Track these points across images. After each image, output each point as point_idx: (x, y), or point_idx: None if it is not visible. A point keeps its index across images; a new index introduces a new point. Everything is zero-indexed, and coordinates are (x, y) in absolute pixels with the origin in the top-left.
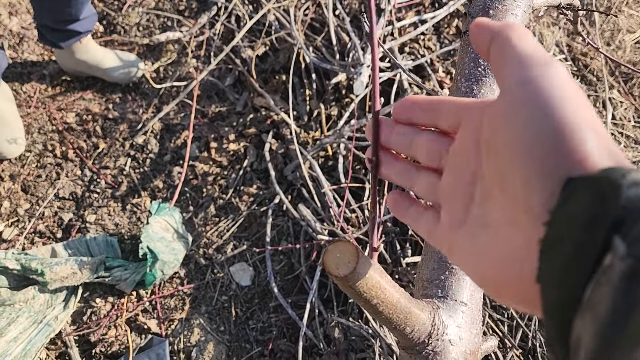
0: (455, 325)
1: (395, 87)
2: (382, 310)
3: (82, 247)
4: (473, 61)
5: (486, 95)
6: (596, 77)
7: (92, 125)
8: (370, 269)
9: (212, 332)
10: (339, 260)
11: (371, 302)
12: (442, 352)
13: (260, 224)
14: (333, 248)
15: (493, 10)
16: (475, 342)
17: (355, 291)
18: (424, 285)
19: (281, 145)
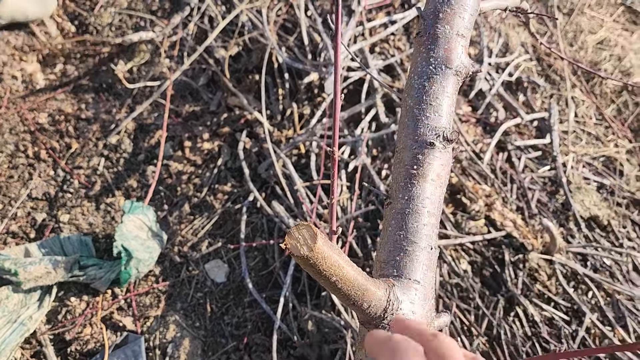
0: (409, 302)
1: (366, 86)
2: (341, 287)
3: (56, 247)
4: (425, 60)
5: (437, 92)
6: (559, 77)
7: (65, 126)
8: (329, 249)
9: (187, 328)
10: (300, 242)
11: (330, 279)
12: None
13: (234, 221)
14: (295, 230)
15: (442, 14)
16: (428, 316)
17: (315, 269)
18: (381, 266)
19: (255, 144)
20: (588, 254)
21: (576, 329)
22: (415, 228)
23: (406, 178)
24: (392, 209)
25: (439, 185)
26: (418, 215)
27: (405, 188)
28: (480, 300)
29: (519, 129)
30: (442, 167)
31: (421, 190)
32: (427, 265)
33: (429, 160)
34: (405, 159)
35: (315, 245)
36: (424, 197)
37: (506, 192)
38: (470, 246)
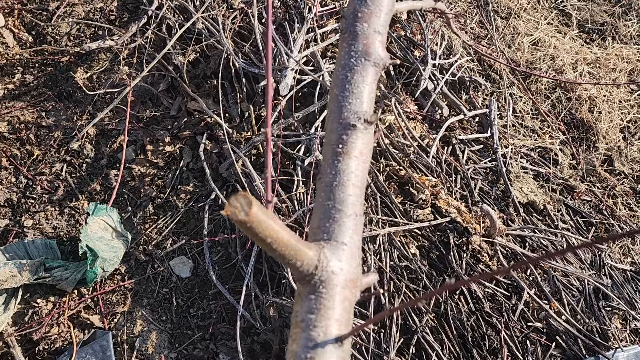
0: (337, 260)
1: (318, 88)
2: (276, 248)
3: (20, 251)
4: (347, 54)
5: (358, 81)
6: (499, 75)
7: (26, 133)
8: (263, 214)
9: (154, 322)
10: (238, 208)
11: (266, 241)
12: (326, 280)
13: (197, 219)
14: (233, 199)
15: (360, 13)
16: (354, 272)
17: (252, 232)
18: (314, 232)
19: (215, 146)
20: (526, 236)
21: (516, 303)
22: (342, 198)
23: (333, 155)
24: (321, 183)
25: (362, 162)
26: (344, 186)
27: (333, 164)
28: (428, 280)
29: (462, 124)
30: (364, 145)
31: (346, 166)
32: (353, 229)
33: (352, 140)
34: (332, 139)
35: (250, 210)
36: (349, 171)
37: (451, 182)
38: (418, 232)
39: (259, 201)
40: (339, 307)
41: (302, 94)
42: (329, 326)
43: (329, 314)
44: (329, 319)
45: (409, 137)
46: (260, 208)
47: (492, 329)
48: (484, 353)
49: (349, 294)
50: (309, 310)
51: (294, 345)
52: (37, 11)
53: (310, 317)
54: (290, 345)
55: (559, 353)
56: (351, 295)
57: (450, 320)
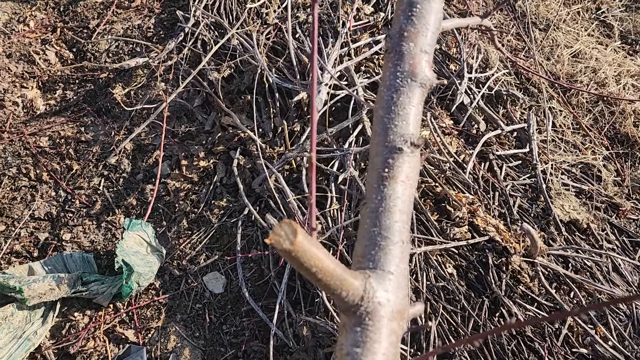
0: (383, 290)
1: (352, 103)
2: (321, 278)
3: (59, 264)
4: (392, 74)
5: (404, 103)
6: (537, 89)
7: (65, 148)
8: (309, 242)
9: (187, 338)
10: (283, 237)
11: (311, 270)
12: (373, 312)
13: (231, 234)
14: (278, 227)
15: (407, 33)
16: (401, 303)
17: (297, 262)
18: (358, 260)
19: (248, 161)
20: (569, 256)
21: (559, 327)
22: (388, 225)
23: (378, 180)
24: (366, 209)
25: (408, 186)
26: (390, 213)
27: (378, 189)
28: (466, 302)
29: (499, 139)
30: (410, 169)
31: (392, 191)
32: (400, 257)
33: (399, 163)
34: (377, 163)
35: (295, 239)
36: (395, 197)
37: (489, 199)
38: (455, 251)
39: (303, 230)
40: (386, 341)
41: (335, 109)
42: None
43: (375, 348)
44: (375, 353)
45: (445, 152)
46: (305, 237)
47: (535, 354)
48: None
49: (396, 326)
50: (354, 343)
51: None
52: (78, 29)
53: (356, 351)
54: None
55: None
56: (398, 328)
57: (490, 345)
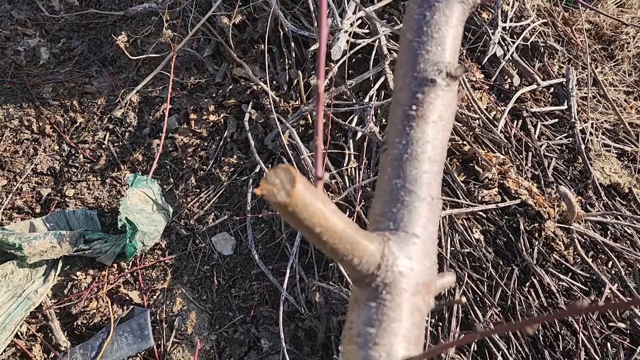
0: (406, 257)
1: (374, 53)
2: (327, 240)
3: (61, 221)
4: None
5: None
6: (577, 41)
7: (69, 100)
8: (311, 195)
9: (194, 301)
10: (277, 186)
11: (314, 230)
12: (392, 284)
13: (241, 193)
14: (271, 174)
15: None
16: (428, 274)
17: (296, 218)
18: (376, 220)
19: (261, 115)
20: (608, 223)
21: (595, 299)
22: (414, 176)
23: (404, 120)
24: (388, 156)
25: (441, 128)
26: (417, 161)
27: (403, 131)
28: (493, 270)
29: (534, 95)
30: (444, 107)
31: (421, 134)
32: (428, 217)
33: (430, 99)
34: (403, 99)
35: (293, 189)
36: (424, 141)
37: (521, 159)
38: (483, 215)
39: (305, 177)
40: (408, 320)
41: (355, 61)
42: (394, 344)
43: (394, 329)
44: (394, 334)
45: (475, 108)
46: (307, 187)
47: (568, 328)
48: (557, 355)
49: (421, 302)
50: (368, 321)
51: None
52: None
53: (370, 332)
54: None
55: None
56: (423, 304)
57: (519, 316)
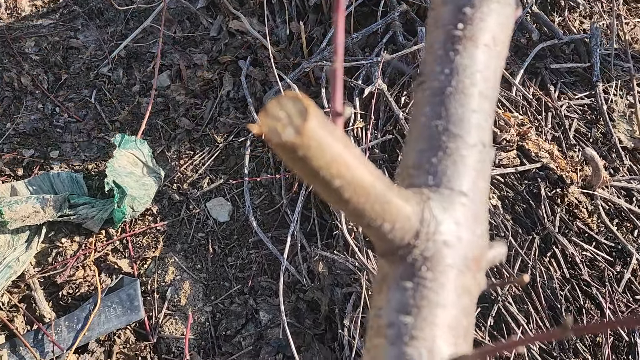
0: (452, 222)
1: (382, 4)
2: (349, 197)
3: (45, 185)
4: None
5: None
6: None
7: (53, 55)
8: (331, 135)
9: (188, 271)
10: (283, 121)
11: (332, 184)
12: (434, 257)
13: (238, 156)
14: (275, 104)
15: None
16: (479, 245)
17: (308, 166)
18: (409, 174)
19: (260, 72)
20: (633, 189)
21: (621, 270)
22: (461, 115)
23: (447, 43)
24: (425, 90)
25: (495, 55)
26: (465, 96)
27: (446, 57)
28: (512, 239)
29: (554, 51)
30: (500, 27)
31: (470, 60)
32: (478, 170)
33: (482, 14)
34: (444, 15)
35: (305, 125)
36: (473, 70)
37: (540, 120)
38: (501, 180)
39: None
40: (455, 306)
41: (361, 14)
42: (437, 338)
43: (437, 317)
44: (437, 325)
45: None
46: (323, 123)
47: (592, 301)
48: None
49: (471, 281)
50: (402, 308)
51: None
52: None
53: (405, 321)
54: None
55: None
56: (474, 284)
57: (539, 289)
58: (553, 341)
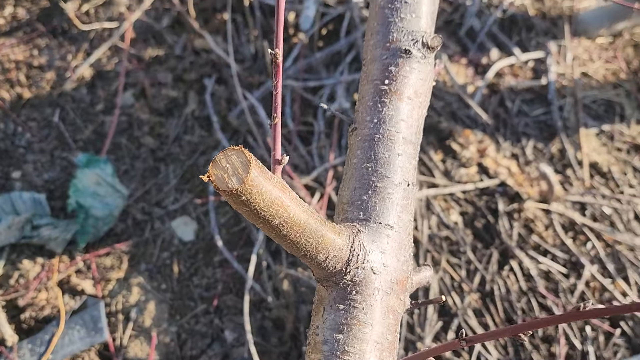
0: (379, 251)
1: (346, 24)
2: (287, 233)
3: (6, 206)
4: None
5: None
6: (557, 15)
7: (16, 74)
8: (268, 181)
9: (152, 291)
10: (229, 172)
11: (272, 222)
12: (363, 282)
13: (203, 174)
14: (222, 157)
15: None
16: (403, 269)
17: (250, 209)
18: (344, 209)
19: (224, 90)
20: (587, 203)
21: (575, 282)
22: (387, 159)
23: (375, 96)
24: (357, 136)
25: (417, 106)
26: (391, 142)
27: (375, 108)
28: (472, 253)
29: (513, 70)
30: (421, 82)
31: (394, 111)
32: (403, 205)
33: (405, 72)
34: (374, 72)
35: (247, 175)
36: (398, 119)
37: (499, 137)
38: (461, 196)
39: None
40: (381, 324)
41: (327, 32)
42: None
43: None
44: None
45: (451, 83)
46: (262, 172)
47: (547, 312)
48: (536, 341)
49: (396, 302)
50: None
51: None
52: None
53: (338, 338)
54: None
55: (624, 341)
56: (398, 304)
57: (497, 301)
58: (510, 351)
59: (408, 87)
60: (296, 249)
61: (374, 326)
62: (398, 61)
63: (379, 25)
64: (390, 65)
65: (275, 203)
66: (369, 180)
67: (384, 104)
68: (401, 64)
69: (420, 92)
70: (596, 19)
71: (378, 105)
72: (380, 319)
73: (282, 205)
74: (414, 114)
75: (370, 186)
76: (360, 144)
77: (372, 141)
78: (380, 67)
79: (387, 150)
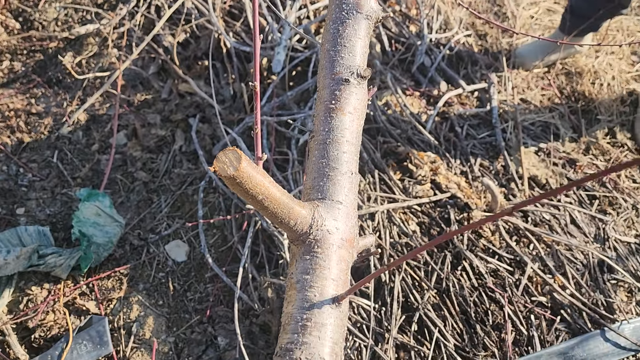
0: (332, 219)
1: (312, 66)
2: (268, 205)
3: (13, 239)
4: (338, 7)
5: (350, 35)
6: (497, 50)
7: (16, 121)
8: (253, 169)
9: (151, 307)
10: (227, 164)
11: (257, 198)
12: (322, 239)
13: (192, 202)
14: (222, 155)
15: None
16: (350, 232)
17: (242, 188)
18: (307, 192)
19: (208, 128)
20: (528, 211)
21: (519, 278)
22: (336, 156)
23: (326, 112)
24: (315, 141)
25: (356, 118)
26: (338, 144)
27: (326, 121)
28: (429, 257)
29: (460, 99)
30: (358, 101)
31: (339, 122)
32: (349, 188)
33: (346, 95)
34: (324, 96)
35: (240, 165)
36: (342, 128)
37: (450, 157)
38: (418, 208)
39: (247, 157)
40: (336, 267)
41: (296, 74)
42: (325, 286)
43: (325, 274)
44: (325, 278)
45: (406, 113)
46: (250, 163)
47: (496, 304)
48: (487, 328)
49: (346, 253)
50: (304, 270)
51: (290, 307)
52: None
53: (306, 278)
54: (286, 307)
55: (564, 327)
56: (348, 255)
57: (453, 297)
58: (465, 338)
59: (349, 105)
60: (275, 217)
61: (331, 269)
62: (341, 87)
63: (327, 62)
64: (336, 90)
65: (259, 185)
66: (324, 171)
67: (332, 117)
68: (343, 89)
69: (357, 108)
70: (531, 52)
71: (328, 119)
72: (335, 264)
73: (264, 186)
74: (354, 124)
75: (325, 175)
76: (317, 147)
77: (325, 144)
78: (329, 92)
79: (335, 149)
